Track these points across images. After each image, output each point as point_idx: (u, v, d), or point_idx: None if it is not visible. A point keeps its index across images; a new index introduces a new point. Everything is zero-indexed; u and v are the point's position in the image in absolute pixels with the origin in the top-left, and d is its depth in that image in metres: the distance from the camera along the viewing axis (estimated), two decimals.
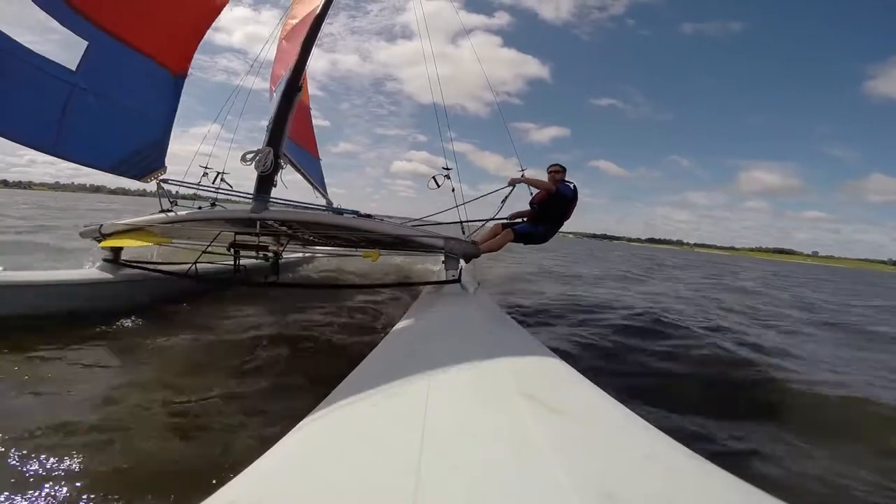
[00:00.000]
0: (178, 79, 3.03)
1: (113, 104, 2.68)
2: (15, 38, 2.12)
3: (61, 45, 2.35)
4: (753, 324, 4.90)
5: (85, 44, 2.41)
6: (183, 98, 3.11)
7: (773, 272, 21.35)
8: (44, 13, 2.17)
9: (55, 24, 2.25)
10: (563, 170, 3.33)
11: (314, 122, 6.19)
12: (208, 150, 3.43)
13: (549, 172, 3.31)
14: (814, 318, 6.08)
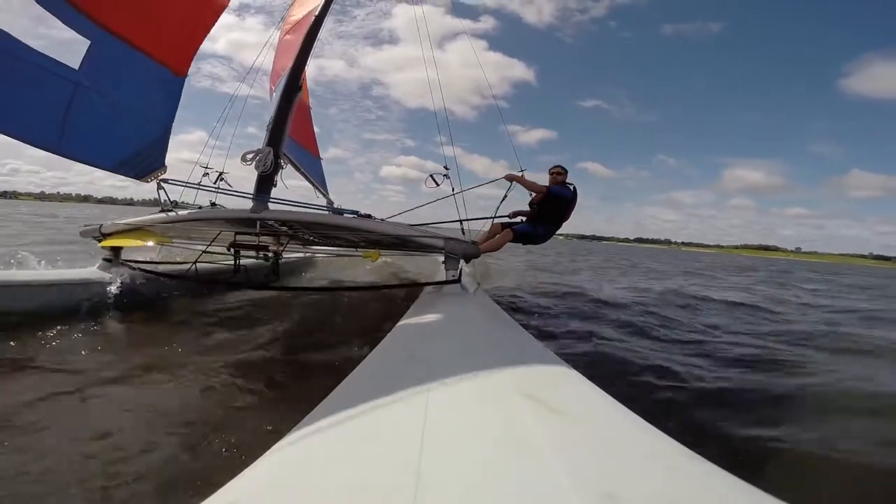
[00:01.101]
0: (178, 79, 2.98)
1: (115, 103, 2.65)
2: (17, 38, 2.07)
3: (64, 44, 2.31)
4: None
5: (87, 42, 2.37)
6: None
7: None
8: (47, 13, 2.12)
9: (58, 23, 2.19)
10: (565, 172, 3.32)
11: None
12: (206, 157, 3.39)
13: (550, 174, 3.31)
14: None
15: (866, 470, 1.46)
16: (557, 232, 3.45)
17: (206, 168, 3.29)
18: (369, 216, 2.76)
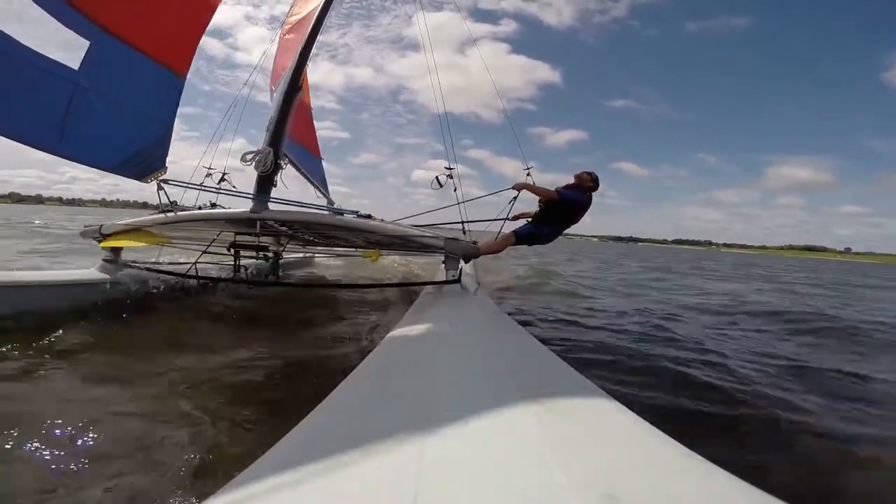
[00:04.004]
0: (179, 79, 3.11)
1: (115, 103, 2.76)
2: (16, 39, 2.19)
3: (64, 45, 2.44)
4: None
5: (87, 43, 2.48)
6: (210, 113, 3.18)
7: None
8: (47, 14, 2.25)
9: (57, 23, 2.31)
10: (593, 179, 3.30)
11: (334, 134, 6.29)
12: (209, 158, 3.53)
13: (579, 178, 3.34)
14: None
15: None
16: (591, 234, 3.42)
17: (209, 169, 3.42)
18: (369, 216, 2.82)
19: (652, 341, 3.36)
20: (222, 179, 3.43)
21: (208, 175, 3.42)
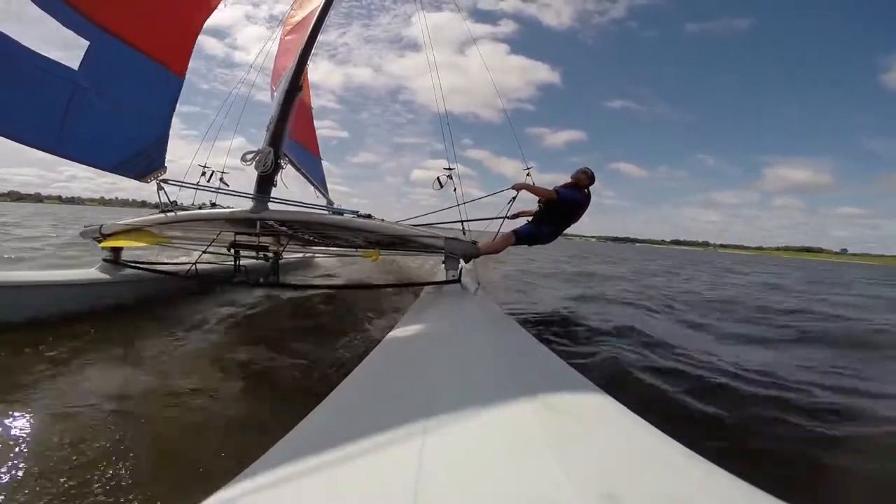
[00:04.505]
0: (178, 78, 3.11)
1: (115, 103, 2.76)
2: (16, 39, 2.19)
3: (63, 45, 2.44)
4: None
5: (87, 43, 2.48)
6: (205, 111, 3.18)
7: None
8: (46, 14, 2.25)
9: (57, 23, 2.31)
10: (588, 175, 3.36)
11: (334, 133, 6.33)
12: (204, 157, 3.52)
13: (577, 175, 3.39)
14: None
15: None
16: (589, 235, 3.48)
17: (205, 167, 3.41)
18: (369, 216, 2.82)
19: (515, 279, 7.02)
20: (220, 179, 3.41)
21: (203, 174, 3.40)
